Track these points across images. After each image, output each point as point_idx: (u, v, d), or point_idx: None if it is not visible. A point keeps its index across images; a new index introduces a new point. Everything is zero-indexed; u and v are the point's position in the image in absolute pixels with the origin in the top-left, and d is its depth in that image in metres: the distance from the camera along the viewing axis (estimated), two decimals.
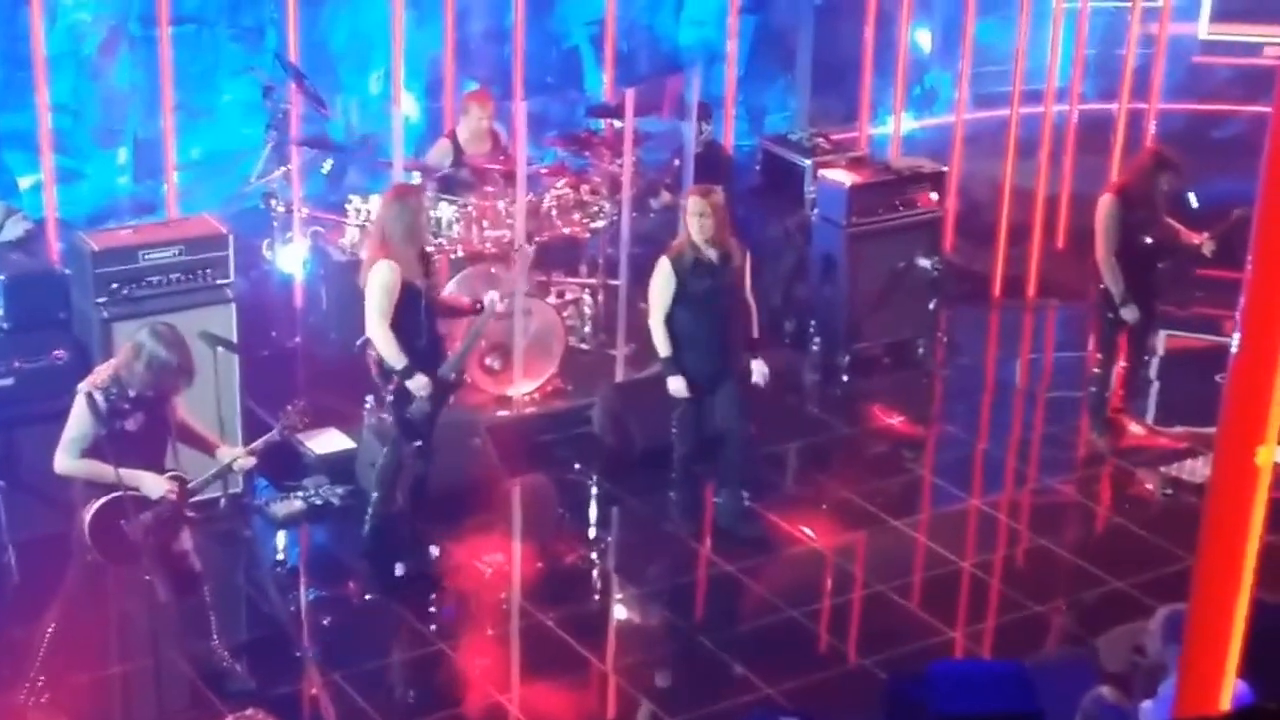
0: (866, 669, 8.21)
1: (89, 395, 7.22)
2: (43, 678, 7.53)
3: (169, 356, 7.26)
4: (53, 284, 9.07)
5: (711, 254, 9.01)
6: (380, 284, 8.48)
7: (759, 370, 9.28)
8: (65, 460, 7.35)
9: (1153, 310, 10.24)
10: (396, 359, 8.55)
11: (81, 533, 7.39)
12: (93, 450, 7.28)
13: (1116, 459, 10.28)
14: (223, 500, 8.43)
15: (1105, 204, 10.01)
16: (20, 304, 8.81)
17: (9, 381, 8.72)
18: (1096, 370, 10.44)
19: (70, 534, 7.55)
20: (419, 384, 8.60)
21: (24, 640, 7.73)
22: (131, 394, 7.30)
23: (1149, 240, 10.01)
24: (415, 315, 8.56)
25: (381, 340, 8.55)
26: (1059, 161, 12.82)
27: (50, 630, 7.55)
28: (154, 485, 7.35)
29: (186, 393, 7.58)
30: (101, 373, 7.41)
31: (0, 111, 11.63)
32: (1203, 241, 10.05)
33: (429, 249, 8.92)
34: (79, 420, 7.29)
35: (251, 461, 7.76)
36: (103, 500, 7.31)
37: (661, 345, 9.13)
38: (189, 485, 7.55)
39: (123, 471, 7.19)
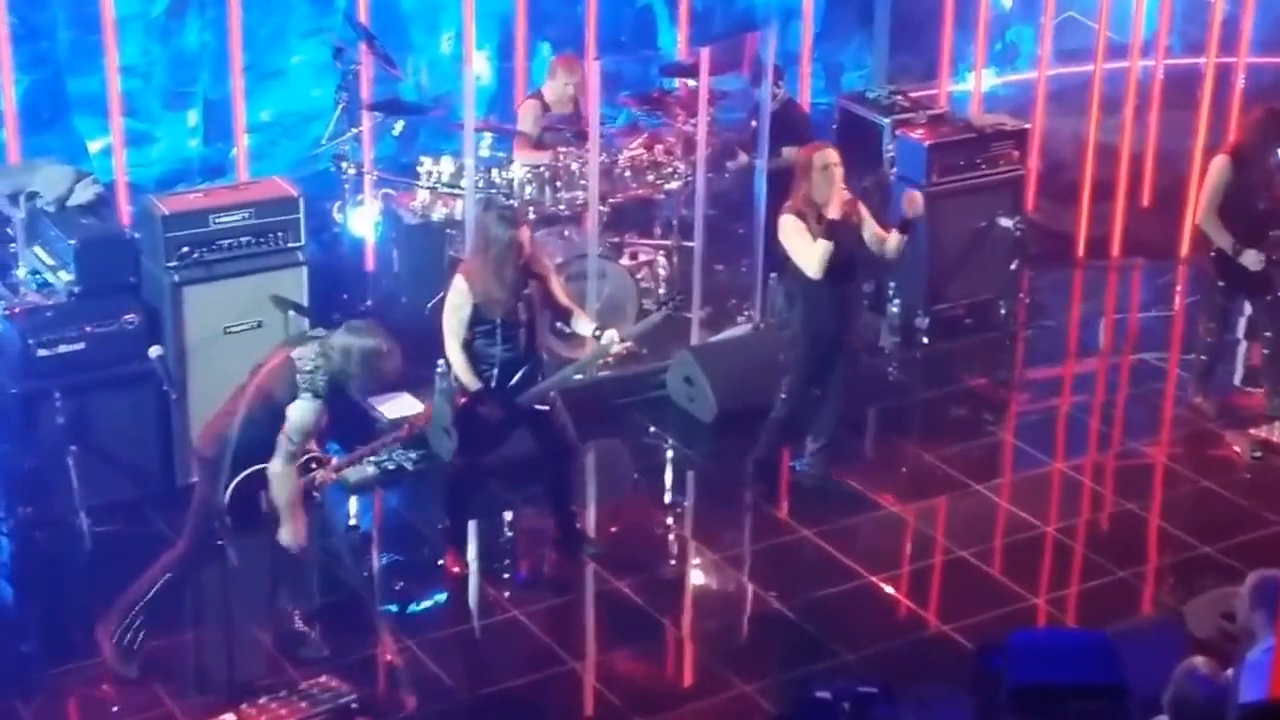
0: (947, 635, 8.11)
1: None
2: (128, 640, 7.52)
3: (375, 344, 7.27)
4: (123, 248, 9.03)
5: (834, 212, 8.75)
6: (448, 302, 8.25)
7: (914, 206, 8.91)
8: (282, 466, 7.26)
9: (1272, 279, 9.78)
10: (469, 380, 8.24)
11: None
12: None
13: (1203, 421, 10.08)
14: None
15: (1218, 164, 9.76)
16: (91, 268, 8.77)
17: (80, 346, 8.67)
18: (1209, 339, 10.14)
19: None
20: (488, 410, 8.28)
21: (99, 605, 7.69)
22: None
23: (1261, 206, 9.70)
24: (489, 337, 8.18)
25: (451, 358, 8.29)
26: (1144, 117, 12.59)
27: (152, 590, 7.49)
28: (293, 534, 7.36)
29: (252, 356, 7.54)
30: (312, 373, 7.22)
31: (70, 75, 11.63)
32: None
33: (519, 271, 8.14)
34: (305, 419, 7.20)
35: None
36: (249, 470, 7.27)
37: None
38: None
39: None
